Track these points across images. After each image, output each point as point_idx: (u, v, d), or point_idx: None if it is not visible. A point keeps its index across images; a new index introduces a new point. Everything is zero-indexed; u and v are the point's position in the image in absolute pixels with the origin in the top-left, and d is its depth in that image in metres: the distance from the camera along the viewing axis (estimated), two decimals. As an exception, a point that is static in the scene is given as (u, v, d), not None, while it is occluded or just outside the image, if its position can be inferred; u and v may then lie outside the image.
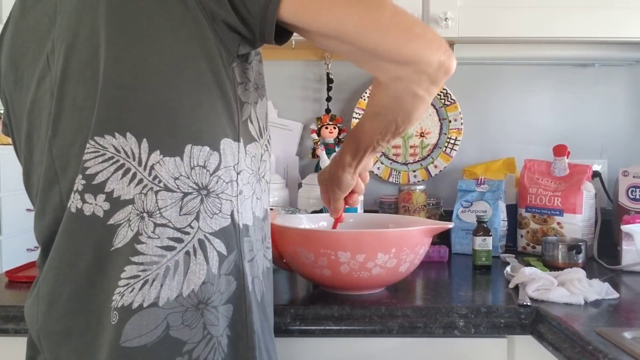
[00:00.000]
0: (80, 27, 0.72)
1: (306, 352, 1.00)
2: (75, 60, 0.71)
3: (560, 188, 1.44)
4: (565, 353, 0.85)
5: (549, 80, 1.66)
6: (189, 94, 0.70)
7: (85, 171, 0.69)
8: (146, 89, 0.69)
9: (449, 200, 1.57)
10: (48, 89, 0.75)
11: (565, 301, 1.00)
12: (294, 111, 1.66)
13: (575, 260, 1.29)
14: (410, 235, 1.03)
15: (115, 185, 0.69)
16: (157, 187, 0.69)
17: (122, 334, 0.67)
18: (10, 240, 3.21)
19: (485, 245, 1.29)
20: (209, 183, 0.71)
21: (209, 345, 0.69)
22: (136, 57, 0.69)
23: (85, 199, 0.69)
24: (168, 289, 0.68)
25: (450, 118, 1.62)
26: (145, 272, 0.68)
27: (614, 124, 1.66)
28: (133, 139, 0.69)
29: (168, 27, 0.69)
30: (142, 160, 0.69)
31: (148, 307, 0.67)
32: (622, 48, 1.52)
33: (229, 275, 0.72)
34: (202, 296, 0.69)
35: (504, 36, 1.35)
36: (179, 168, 0.69)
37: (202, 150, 0.70)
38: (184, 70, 0.69)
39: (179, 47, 0.69)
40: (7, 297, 1.08)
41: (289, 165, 1.65)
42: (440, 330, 0.98)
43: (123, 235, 0.68)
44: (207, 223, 0.70)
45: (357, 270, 1.01)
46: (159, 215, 0.69)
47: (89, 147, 0.69)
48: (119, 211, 0.69)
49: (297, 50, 1.60)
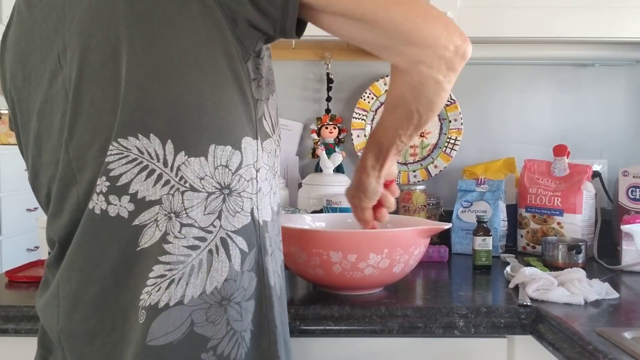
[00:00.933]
0: (96, 26, 0.71)
1: (306, 352, 1.00)
2: (93, 61, 0.71)
3: (560, 188, 1.44)
4: (565, 353, 0.85)
5: (549, 80, 1.66)
6: (211, 94, 0.70)
7: (109, 173, 0.69)
8: (168, 90, 0.69)
9: (449, 200, 1.57)
10: (61, 88, 0.74)
11: (565, 301, 1.00)
12: (294, 111, 1.66)
13: (575, 260, 1.29)
14: (403, 236, 1.02)
15: (140, 186, 0.69)
16: (183, 187, 0.69)
17: (148, 333, 0.67)
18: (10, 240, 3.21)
19: (485, 245, 1.29)
20: (231, 182, 0.72)
21: (232, 340, 0.70)
22: (158, 58, 0.69)
23: (109, 200, 0.70)
24: (192, 287, 0.69)
25: (450, 118, 1.62)
26: (172, 271, 0.69)
27: (614, 124, 1.66)
28: (157, 140, 0.69)
29: (188, 27, 0.69)
30: (168, 161, 0.69)
31: (174, 305, 0.68)
32: (622, 48, 1.52)
33: (251, 271, 0.73)
34: (225, 293, 0.70)
35: (504, 36, 1.35)
36: (204, 168, 0.70)
37: (225, 149, 0.71)
38: (205, 70, 0.70)
39: (199, 47, 0.69)
40: (7, 297, 1.08)
41: (289, 165, 1.65)
42: (440, 330, 0.98)
43: (150, 235, 0.69)
44: (229, 221, 0.71)
45: (350, 270, 1.01)
46: (185, 215, 0.69)
47: (112, 149, 0.69)
48: (145, 212, 0.69)
49: (297, 50, 1.60)
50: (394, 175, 0.98)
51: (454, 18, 1.29)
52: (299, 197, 1.51)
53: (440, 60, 0.72)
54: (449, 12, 1.28)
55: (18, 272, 1.23)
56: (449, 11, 1.28)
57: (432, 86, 0.75)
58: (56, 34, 0.75)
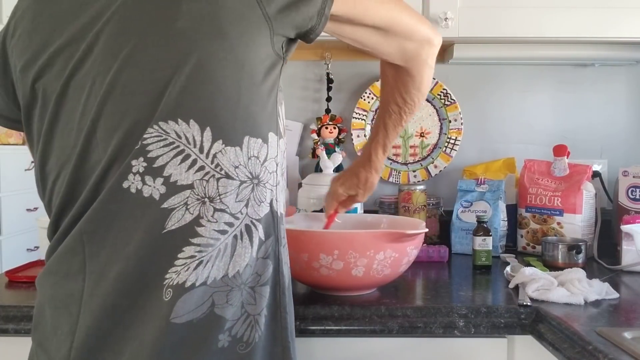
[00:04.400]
0: (141, 13, 0.74)
1: (306, 352, 1.00)
2: (132, 45, 0.73)
3: (560, 188, 1.44)
4: (565, 353, 0.85)
5: (549, 80, 1.65)
6: (247, 90, 0.74)
7: (147, 154, 0.72)
8: (212, 82, 0.72)
9: (449, 200, 1.57)
10: (89, 71, 0.75)
11: (565, 301, 1.00)
12: (294, 111, 1.66)
13: (575, 260, 1.29)
14: (355, 239, 0.98)
15: (174, 170, 0.72)
16: (218, 174, 0.73)
17: (172, 311, 0.70)
18: (10, 240, 3.21)
19: (485, 245, 1.29)
20: (260, 173, 0.76)
21: (245, 322, 0.74)
22: (206, 51, 0.72)
23: (145, 180, 0.72)
24: (216, 269, 0.73)
25: (450, 118, 1.62)
26: (202, 253, 0.72)
27: (614, 124, 1.66)
28: (196, 127, 0.72)
29: (235, 27, 0.73)
30: (204, 147, 0.72)
31: (199, 286, 0.71)
32: (622, 48, 1.52)
33: (266, 258, 0.77)
34: (245, 277, 0.74)
35: (504, 36, 1.35)
36: (239, 157, 0.74)
37: (257, 142, 0.76)
38: (245, 69, 0.74)
39: (243, 47, 0.74)
40: (7, 297, 1.08)
41: (289, 165, 1.65)
42: (440, 330, 0.98)
43: (178, 218, 0.71)
44: (254, 210, 0.76)
45: (306, 269, 1.02)
46: (219, 200, 0.73)
47: (152, 131, 0.72)
48: (175, 195, 0.72)
49: (297, 50, 1.57)
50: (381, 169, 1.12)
51: (453, 18, 1.29)
52: (299, 197, 1.51)
53: (430, 49, 0.92)
54: (449, 12, 1.28)
55: (18, 272, 1.23)
56: (449, 11, 1.28)
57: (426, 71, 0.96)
58: (92, 19, 0.76)
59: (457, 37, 1.33)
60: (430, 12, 1.29)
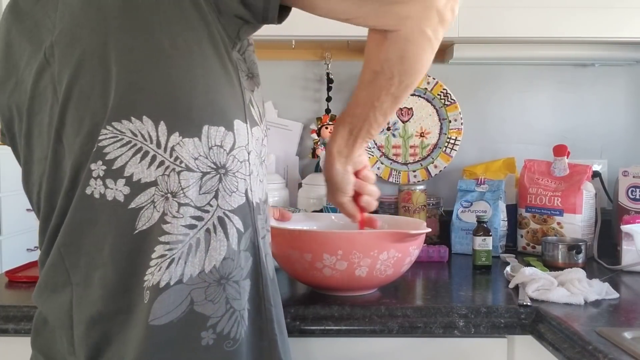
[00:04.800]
0: (86, 19, 0.73)
1: (306, 352, 1.00)
2: (81, 50, 0.72)
3: (560, 188, 1.44)
4: (565, 353, 0.85)
5: (549, 80, 1.65)
6: (202, 77, 0.72)
7: (105, 157, 0.70)
8: (160, 73, 0.70)
9: (449, 200, 1.57)
10: (49, 83, 0.75)
11: (565, 301, 1.00)
12: (294, 111, 1.66)
13: (575, 260, 1.29)
14: (359, 239, 0.98)
15: (135, 168, 0.70)
16: (179, 167, 0.71)
17: (150, 313, 0.69)
18: (10, 240, 3.21)
19: (485, 245, 1.29)
20: (227, 162, 0.73)
21: (232, 318, 0.72)
22: (149, 43, 0.71)
23: (107, 184, 0.71)
24: (191, 266, 0.71)
25: (450, 118, 1.62)
26: (172, 250, 0.70)
27: (614, 124, 1.66)
28: (150, 122, 0.70)
29: (177, 14, 0.71)
30: (161, 142, 0.70)
31: (174, 284, 0.70)
32: (622, 48, 1.52)
33: (247, 251, 0.75)
34: (224, 271, 0.72)
35: (504, 36, 1.35)
36: (198, 148, 0.71)
37: (218, 130, 0.72)
38: (195, 56, 0.71)
39: (188, 33, 0.71)
40: (7, 297, 1.08)
41: (289, 165, 1.65)
42: (440, 330, 0.98)
43: (147, 217, 0.70)
44: (226, 201, 0.73)
45: (309, 269, 1.01)
46: (182, 195, 0.71)
47: (106, 132, 0.70)
48: (140, 194, 0.70)
49: (297, 50, 1.60)
50: (364, 164, 0.94)
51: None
52: (299, 197, 1.51)
53: (430, 11, 0.72)
54: (449, 12, 1.28)
55: (18, 272, 1.23)
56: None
57: (419, 41, 0.75)
58: (46, 34, 0.76)
59: (457, 37, 1.33)
60: (430, 12, 1.29)
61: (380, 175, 1.64)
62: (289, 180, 1.63)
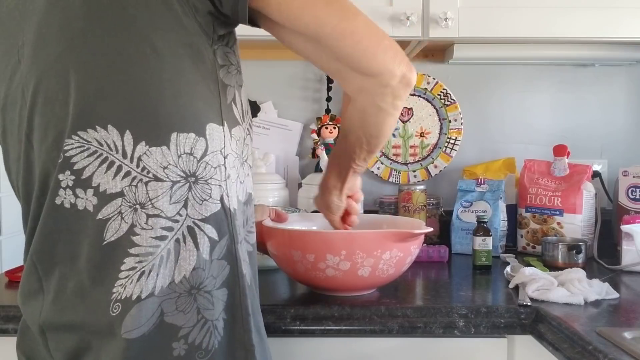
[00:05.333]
0: (51, 18, 0.71)
1: (306, 352, 1.00)
2: (46, 53, 0.71)
3: (560, 188, 1.44)
4: (565, 353, 0.85)
5: (549, 80, 1.65)
6: (169, 81, 0.69)
7: (73, 167, 0.69)
8: (124, 80, 0.68)
9: (449, 200, 1.57)
10: (19, 83, 0.74)
11: (565, 301, 1.00)
12: (294, 111, 1.66)
13: (575, 260, 1.29)
14: (362, 239, 0.98)
15: (101, 179, 0.69)
16: (146, 178, 0.69)
17: (122, 326, 0.67)
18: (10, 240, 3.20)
19: (485, 245, 1.29)
20: (197, 170, 0.71)
21: (204, 329, 0.70)
22: (115, 47, 0.68)
23: (77, 193, 0.69)
24: (162, 278, 0.69)
25: (450, 118, 1.62)
26: (142, 263, 0.68)
27: (614, 124, 1.66)
28: (115, 131, 0.68)
29: (144, 16, 0.69)
30: (127, 152, 0.68)
31: (146, 298, 0.68)
32: (622, 48, 1.52)
33: (222, 259, 0.72)
34: (194, 281, 0.70)
35: (504, 36, 1.35)
36: (167, 157, 0.69)
37: (188, 137, 0.70)
38: (163, 59, 0.69)
39: (156, 35, 0.69)
40: (7, 297, 1.09)
41: (289, 165, 1.65)
42: (440, 330, 0.98)
43: (115, 228, 0.68)
44: (195, 210, 0.71)
45: (311, 270, 1.01)
46: (150, 206, 0.69)
47: (72, 142, 0.69)
48: (107, 205, 0.69)
49: (297, 50, 1.60)
50: (357, 189, 1.02)
51: (454, 18, 1.29)
52: (299, 197, 1.51)
53: (385, 88, 0.75)
54: (449, 12, 1.28)
55: (18, 272, 1.23)
56: (449, 11, 1.28)
57: (374, 113, 0.79)
58: (17, 30, 0.75)
59: (457, 37, 1.33)
60: (430, 12, 1.29)
61: (380, 175, 1.64)
62: (289, 180, 1.63)
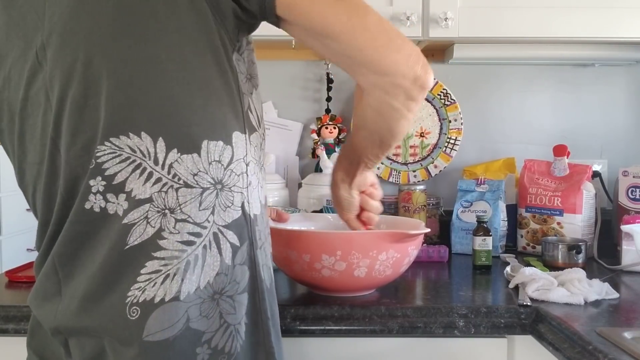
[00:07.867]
0: (79, 24, 0.70)
1: (306, 352, 1.00)
2: (73, 58, 0.70)
3: (560, 188, 1.44)
4: (565, 353, 0.85)
5: (549, 80, 1.65)
6: (199, 89, 0.70)
7: (104, 172, 0.70)
8: (157, 88, 0.69)
9: (449, 200, 1.57)
10: (42, 86, 0.74)
11: (565, 301, 1.00)
12: (294, 111, 1.66)
13: (575, 260, 1.29)
14: (358, 239, 0.98)
15: (134, 185, 0.69)
16: (177, 184, 0.70)
17: (144, 329, 0.67)
18: (10, 240, 3.21)
19: (485, 245, 1.29)
20: (223, 177, 0.72)
21: (226, 333, 0.71)
22: (145, 54, 0.69)
23: (108, 198, 0.70)
24: (189, 283, 0.69)
25: (450, 118, 1.62)
26: (167, 266, 0.69)
27: (614, 124, 1.66)
28: (148, 138, 0.69)
29: (175, 23, 0.69)
30: (159, 159, 0.69)
31: (169, 301, 0.68)
32: (622, 48, 1.52)
33: (243, 265, 0.73)
34: (217, 287, 0.71)
35: (504, 36, 1.35)
36: (197, 164, 0.70)
37: (217, 145, 0.71)
38: (193, 67, 0.70)
39: (186, 43, 0.70)
40: (7, 297, 1.08)
41: (289, 165, 1.65)
42: (440, 330, 0.98)
43: (139, 233, 0.69)
44: (220, 216, 0.72)
45: (307, 270, 1.01)
46: (179, 211, 0.70)
47: (105, 148, 0.69)
48: (134, 210, 0.69)
49: (297, 50, 1.60)
50: (369, 184, 0.99)
51: (454, 18, 1.29)
52: (299, 197, 1.51)
53: (397, 88, 0.74)
54: (449, 12, 1.28)
55: (18, 272, 1.23)
56: (449, 11, 1.28)
57: (388, 112, 0.77)
58: (35, 31, 0.74)
59: (457, 37, 1.33)
60: (430, 12, 1.29)
61: (380, 175, 1.64)
62: (289, 180, 1.63)
